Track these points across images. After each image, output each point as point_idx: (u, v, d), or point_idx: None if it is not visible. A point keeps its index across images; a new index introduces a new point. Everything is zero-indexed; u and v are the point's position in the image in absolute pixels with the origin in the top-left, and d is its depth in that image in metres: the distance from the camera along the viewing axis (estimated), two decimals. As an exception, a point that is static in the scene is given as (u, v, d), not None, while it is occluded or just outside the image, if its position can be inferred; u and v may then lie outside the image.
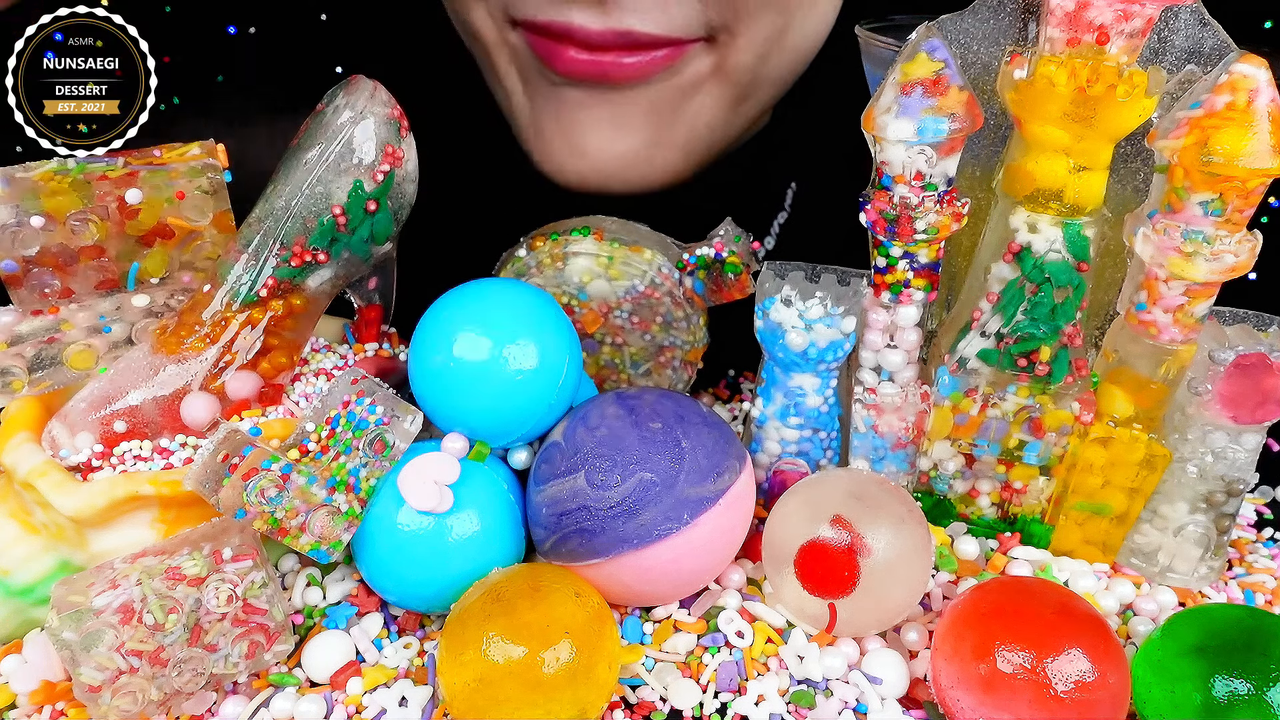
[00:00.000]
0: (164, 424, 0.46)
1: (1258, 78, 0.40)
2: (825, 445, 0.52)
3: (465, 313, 0.45)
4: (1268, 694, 0.38)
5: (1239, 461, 0.47)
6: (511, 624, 0.39)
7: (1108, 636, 0.40)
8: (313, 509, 0.43)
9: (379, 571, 0.45)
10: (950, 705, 0.41)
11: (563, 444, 0.45)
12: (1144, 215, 0.44)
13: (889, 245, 0.46)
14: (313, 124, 0.47)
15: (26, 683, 0.42)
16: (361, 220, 0.47)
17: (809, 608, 0.44)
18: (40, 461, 0.43)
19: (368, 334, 0.54)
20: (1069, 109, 0.42)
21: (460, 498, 0.44)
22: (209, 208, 0.49)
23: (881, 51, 0.54)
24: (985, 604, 0.41)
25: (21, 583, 0.44)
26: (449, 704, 0.39)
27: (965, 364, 0.48)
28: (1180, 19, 0.43)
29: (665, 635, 0.44)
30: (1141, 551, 0.50)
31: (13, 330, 0.47)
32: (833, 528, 0.43)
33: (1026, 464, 0.49)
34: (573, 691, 0.39)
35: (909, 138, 0.43)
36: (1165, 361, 0.46)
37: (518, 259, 0.54)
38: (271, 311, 0.47)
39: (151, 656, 0.39)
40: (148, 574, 0.40)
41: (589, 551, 0.43)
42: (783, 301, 0.48)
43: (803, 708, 0.42)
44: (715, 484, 0.44)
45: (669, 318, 0.54)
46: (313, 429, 0.44)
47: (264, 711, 0.42)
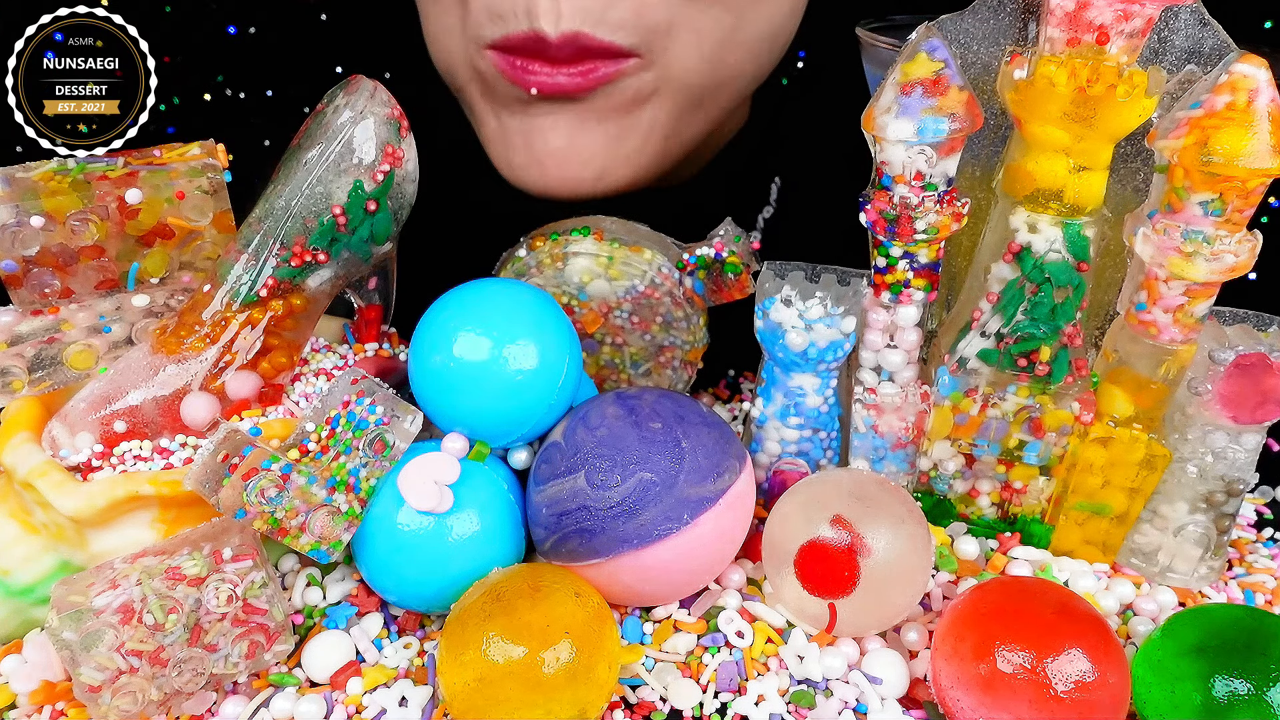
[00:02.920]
0: (164, 424, 0.46)
1: (1258, 78, 0.40)
2: (825, 445, 0.52)
3: (465, 313, 0.45)
4: (1268, 694, 0.38)
5: (1239, 461, 0.47)
6: (511, 624, 0.39)
7: (1108, 636, 0.40)
8: (313, 509, 0.43)
9: (379, 571, 0.45)
10: (950, 705, 0.41)
11: (563, 444, 0.45)
12: (1144, 215, 0.44)
13: (889, 245, 0.46)
14: (313, 124, 0.47)
15: (26, 683, 0.42)
16: (361, 220, 0.47)
17: (809, 608, 0.44)
18: (40, 461, 0.43)
19: (368, 334, 0.54)
20: (1069, 109, 0.42)
21: (460, 498, 0.44)
22: (209, 208, 0.49)
23: (881, 51, 0.54)
24: (985, 604, 0.41)
25: (21, 583, 0.44)
26: (449, 704, 0.39)
27: (965, 364, 0.48)
28: (1180, 19, 0.43)
29: (665, 635, 0.44)
30: (1141, 551, 0.50)
31: (13, 330, 0.47)
32: (833, 528, 0.43)
33: (1026, 464, 0.49)
34: (573, 691, 0.39)
35: (909, 138, 0.43)
36: (1165, 361, 0.46)
37: (518, 259, 0.54)
38: (271, 311, 0.47)
39: (151, 656, 0.39)
40: (148, 574, 0.40)
41: (589, 551, 0.43)
42: (783, 301, 0.48)
43: (803, 708, 0.42)
44: (715, 484, 0.44)
45: (669, 318, 0.54)
46: (313, 429, 0.44)
47: (264, 711, 0.42)
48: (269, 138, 0.72)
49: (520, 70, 0.55)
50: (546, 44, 0.53)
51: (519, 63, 0.55)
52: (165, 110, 0.72)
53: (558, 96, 0.56)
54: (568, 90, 0.55)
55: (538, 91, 0.55)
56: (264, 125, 0.73)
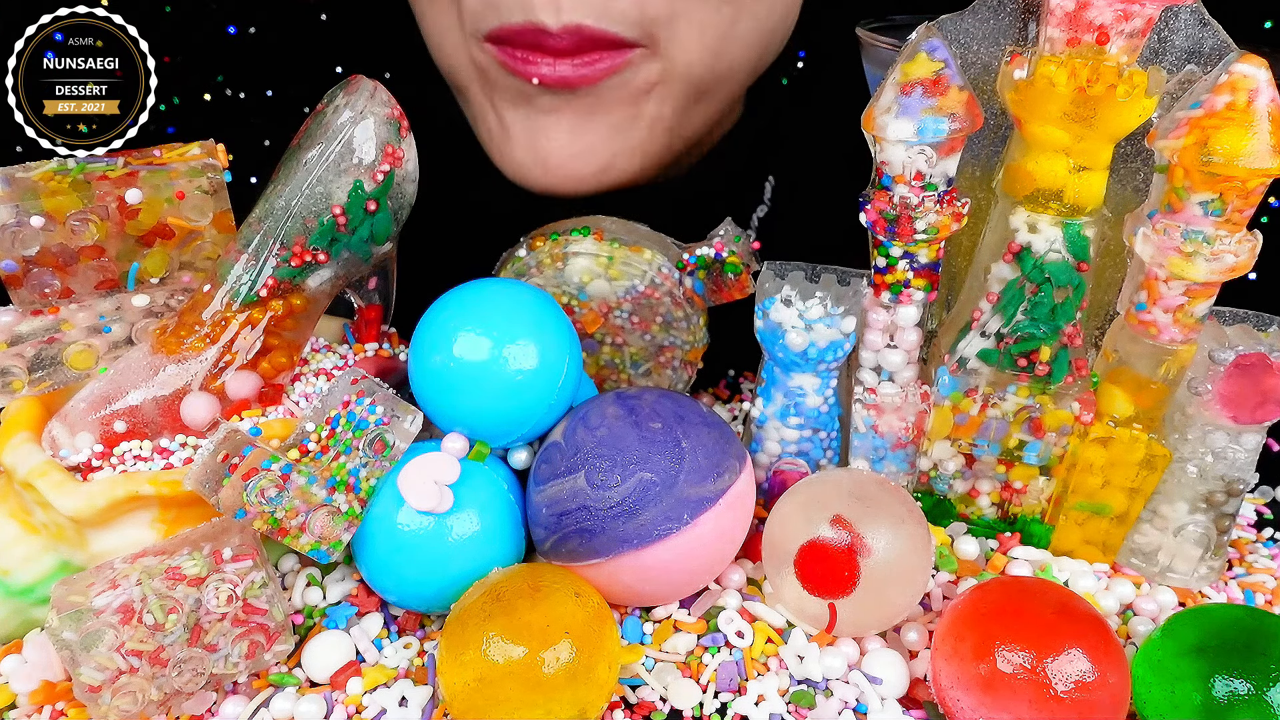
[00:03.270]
0: (164, 424, 0.46)
1: (1258, 78, 0.40)
2: (825, 445, 0.52)
3: (465, 313, 0.45)
4: (1268, 694, 0.38)
5: (1239, 461, 0.47)
6: (511, 624, 0.39)
7: (1108, 636, 0.40)
8: (313, 509, 0.43)
9: (379, 571, 0.45)
10: (950, 705, 0.41)
11: (563, 444, 0.45)
12: (1144, 215, 0.44)
13: (889, 245, 0.46)
14: (313, 124, 0.47)
15: (26, 683, 0.42)
16: (361, 220, 0.47)
17: (809, 608, 0.44)
18: (40, 461, 0.43)
19: (368, 334, 0.54)
20: (1069, 109, 0.42)
21: (460, 498, 0.44)
22: (209, 208, 0.49)
23: (881, 51, 0.54)
24: (985, 604, 0.41)
25: (21, 583, 0.44)
26: (449, 704, 0.39)
27: (965, 364, 0.48)
28: (1180, 19, 0.43)
29: (665, 635, 0.44)
30: (1141, 551, 0.50)
31: (13, 330, 0.47)
32: (833, 528, 0.43)
33: (1026, 464, 0.49)
34: (573, 691, 0.39)
35: (909, 138, 0.43)
36: (1165, 361, 0.46)
37: (518, 259, 0.54)
38: (271, 311, 0.47)
39: (151, 656, 0.39)
40: (148, 574, 0.40)
41: (589, 551, 0.43)
42: (783, 301, 0.48)
43: (803, 708, 0.42)
44: (715, 484, 0.44)
45: (669, 318, 0.54)
46: (313, 429, 0.44)
47: (264, 711, 0.42)
48: (269, 138, 0.72)
49: (520, 61, 0.55)
50: (546, 35, 0.53)
51: (519, 54, 0.55)
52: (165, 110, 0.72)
53: (560, 88, 0.55)
54: (571, 82, 0.55)
55: (539, 82, 0.55)
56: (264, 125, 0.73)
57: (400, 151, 0.47)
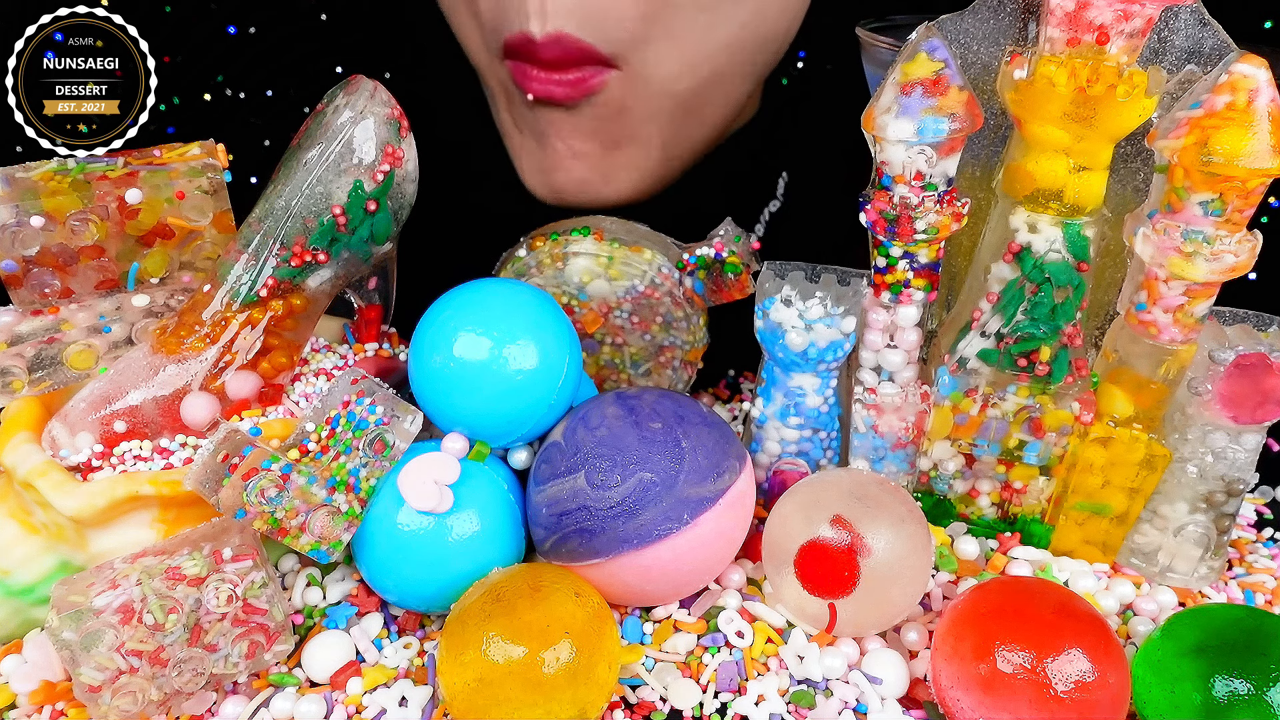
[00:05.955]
0: (164, 424, 0.46)
1: (1258, 78, 0.40)
2: (825, 445, 0.52)
3: (465, 313, 0.45)
4: (1268, 694, 0.38)
5: (1239, 461, 0.47)
6: (511, 624, 0.39)
7: (1108, 636, 0.40)
8: (313, 509, 0.43)
9: (379, 571, 0.45)
10: (950, 705, 0.41)
11: (563, 444, 0.45)
12: (1144, 215, 0.44)
13: (889, 245, 0.46)
14: (313, 124, 0.47)
15: (26, 683, 0.42)
16: (361, 220, 0.47)
17: (809, 608, 0.44)
18: (40, 461, 0.43)
19: (368, 334, 0.54)
20: (1069, 109, 0.42)
21: (460, 498, 0.44)
22: (209, 208, 0.49)
23: (881, 51, 0.54)
24: (985, 604, 0.41)
25: (21, 583, 0.44)
26: (449, 704, 0.39)
27: (965, 364, 0.48)
28: (1180, 19, 0.43)
29: (665, 635, 0.44)
30: (1141, 551, 0.50)
31: (13, 330, 0.47)
32: (833, 528, 0.43)
33: (1026, 464, 0.49)
34: (573, 691, 0.39)
35: (909, 138, 0.43)
36: (1165, 361, 0.46)
37: (518, 259, 0.54)
38: (271, 311, 0.47)
39: (151, 656, 0.39)
40: (148, 574, 0.40)
41: (589, 551, 0.43)
42: (783, 301, 0.48)
43: (803, 708, 0.42)
44: (715, 484, 0.44)
45: (669, 318, 0.54)
46: (313, 429, 0.44)
47: (264, 711, 0.42)
48: (269, 138, 0.72)
49: (520, 76, 0.56)
50: (535, 45, 0.54)
51: (519, 68, 0.56)
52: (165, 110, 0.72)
53: (551, 104, 0.57)
54: (557, 98, 0.56)
55: (533, 97, 0.56)
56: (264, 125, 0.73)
57: (400, 151, 0.47)
